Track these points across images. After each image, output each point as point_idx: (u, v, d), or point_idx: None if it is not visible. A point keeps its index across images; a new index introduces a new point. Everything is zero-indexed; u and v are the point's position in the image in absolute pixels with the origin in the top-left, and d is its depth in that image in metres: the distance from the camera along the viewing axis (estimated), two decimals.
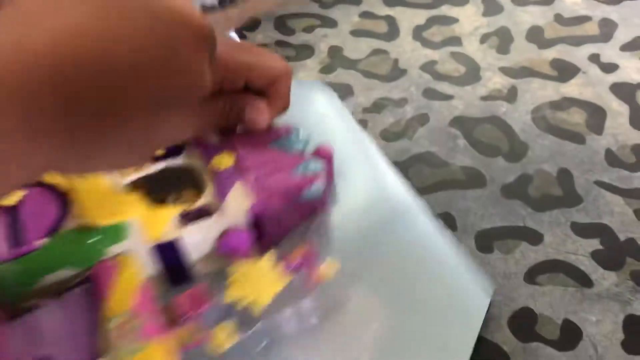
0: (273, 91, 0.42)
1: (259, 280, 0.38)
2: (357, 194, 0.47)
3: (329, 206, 0.46)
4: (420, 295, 0.41)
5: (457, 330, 0.39)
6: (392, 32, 0.62)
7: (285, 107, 0.43)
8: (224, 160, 0.42)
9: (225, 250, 0.42)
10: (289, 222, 0.43)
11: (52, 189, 0.38)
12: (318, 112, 0.53)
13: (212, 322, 0.37)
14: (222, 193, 0.41)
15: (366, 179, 0.48)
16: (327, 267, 0.40)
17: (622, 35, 0.59)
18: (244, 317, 0.38)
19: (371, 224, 0.45)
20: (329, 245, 0.43)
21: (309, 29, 0.63)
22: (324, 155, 0.45)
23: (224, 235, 0.41)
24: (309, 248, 0.40)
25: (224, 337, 0.36)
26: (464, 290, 0.41)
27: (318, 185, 0.43)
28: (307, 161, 0.44)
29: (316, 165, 0.43)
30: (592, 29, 0.60)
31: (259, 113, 0.42)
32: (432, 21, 0.63)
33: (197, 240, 0.41)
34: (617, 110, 0.53)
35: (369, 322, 0.40)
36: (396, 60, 0.59)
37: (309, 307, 0.39)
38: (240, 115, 0.41)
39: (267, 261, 0.39)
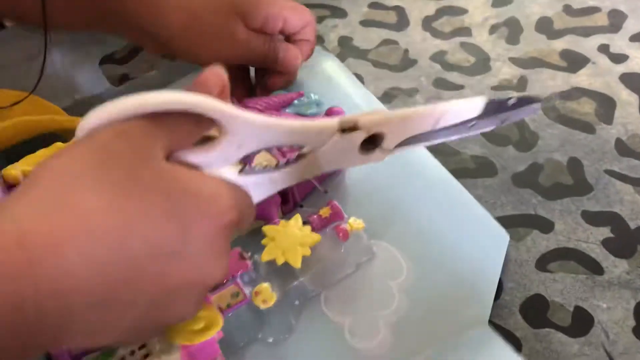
0: (303, 35, 0.49)
1: (290, 241, 0.39)
2: None
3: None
4: (441, 244, 0.43)
5: (479, 274, 0.41)
6: (402, 22, 0.63)
7: (311, 49, 0.50)
8: None
9: (255, 214, 0.43)
10: (311, 182, 0.44)
11: None
12: (325, 76, 0.55)
13: (251, 283, 0.39)
14: (248, 159, 0.42)
15: None
16: (352, 224, 0.41)
17: (632, 25, 0.59)
18: (281, 277, 0.40)
19: (388, 180, 0.47)
20: (350, 203, 0.44)
21: (318, 19, 0.63)
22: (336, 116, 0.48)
23: None
24: (333, 207, 0.42)
25: (265, 296, 0.38)
26: (482, 236, 0.43)
27: None
28: None
29: None
30: (601, 19, 0.60)
31: (293, 56, 0.48)
32: (441, 12, 0.63)
33: None
34: (627, 100, 0.53)
35: (395, 274, 0.42)
36: (406, 51, 0.59)
37: (339, 261, 0.41)
38: (275, 57, 0.47)
39: (295, 222, 0.41)
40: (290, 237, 0.39)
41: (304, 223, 0.41)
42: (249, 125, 0.28)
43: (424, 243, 0.43)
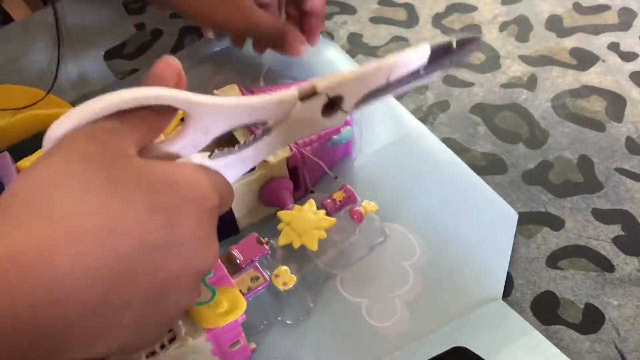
0: (311, 4, 0.51)
1: (306, 224, 0.39)
2: (382, 138, 0.50)
3: (354, 150, 0.49)
4: (451, 224, 0.44)
5: (490, 251, 0.42)
6: (412, 19, 0.63)
7: (320, 23, 0.52)
8: None
9: (269, 200, 0.44)
10: (321, 168, 0.45)
11: None
12: (328, 64, 0.56)
13: (268, 268, 0.40)
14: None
15: (389, 124, 0.51)
16: (366, 207, 0.42)
17: None
18: (297, 260, 0.41)
19: (395, 163, 0.48)
20: (359, 187, 0.45)
21: (328, 16, 0.63)
22: None
23: (267, 185, 0.43)
24: (346, 191, 0.42)
25: (285, 278, 0.39)
26: (491, 214, 0.44)
27: (347, 130, 0.46)
28: None
29: None
30: (611, 17, 0.60)
31: (299, 42, 0.50)
32: (451, 9, 0.63)
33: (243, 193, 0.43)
34: (637, 98, 0.53)
35: (408, 254, 0.43)
36: None
37: (354, 244, 0.42)
38: (282, 39, 0.50)
39: (309, 206, 0.41)
40: (306, 221, 0.40)
41: (319, 207, 0.42)
42: (212, 108, 0.28)
43: (435, 223, 0.44)
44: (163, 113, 0.27)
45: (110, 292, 0.23)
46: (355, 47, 0.60)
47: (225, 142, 0.33)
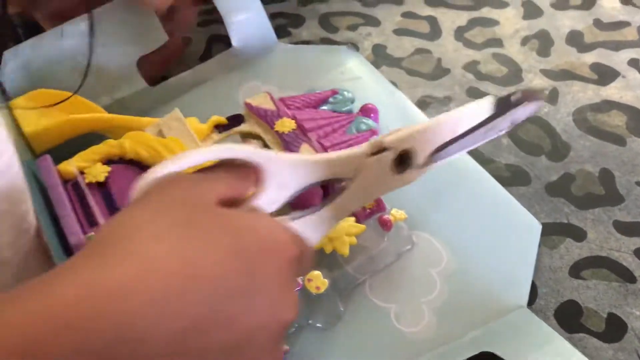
0: None
1: (337, 230, 0.41)
2: None
3: None
4: (478, 234, 0.45)
5: (515, 260, 0.44)
6: (435, 32, 0.64)
7: None
8: (286, 124, 0.46)
9: (299, 206, 0.45)
10: None
11: (135, 164, 0.42)
12: (353, 75, 0.57)
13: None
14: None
15: None
16: (395, 215, 0.44)
17: None
18: (327, 266, 0.42)
19: (425, 175, 0.49)
20: (386, 195, 0.46)
21: (352, 27, 0.65)
22: (370, 113, 0.50)
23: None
24: (376, 199, 0.44)
25: (318, 283, 0.40)
26: (515, 225, 0.46)
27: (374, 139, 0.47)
28: (357, 119, 0.49)
29: (368, 123, 0.48)
30: (631, 34, 0.62)
31: None
32: (473, 22, 0.64)
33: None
34: None
35: (435, 262, 0.44)
36: (439, 60, 0.61)
37: (382, 251, 0.44)
38: None
39: None
40: (337, 227, 0.41)
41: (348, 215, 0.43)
42: (285, 163, 0.30)
43: (461, 232, 0.45)
44: (243, 173, 0.28)
45: (186, 338, 0.22)
46: (380, 58, 0.62)
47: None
